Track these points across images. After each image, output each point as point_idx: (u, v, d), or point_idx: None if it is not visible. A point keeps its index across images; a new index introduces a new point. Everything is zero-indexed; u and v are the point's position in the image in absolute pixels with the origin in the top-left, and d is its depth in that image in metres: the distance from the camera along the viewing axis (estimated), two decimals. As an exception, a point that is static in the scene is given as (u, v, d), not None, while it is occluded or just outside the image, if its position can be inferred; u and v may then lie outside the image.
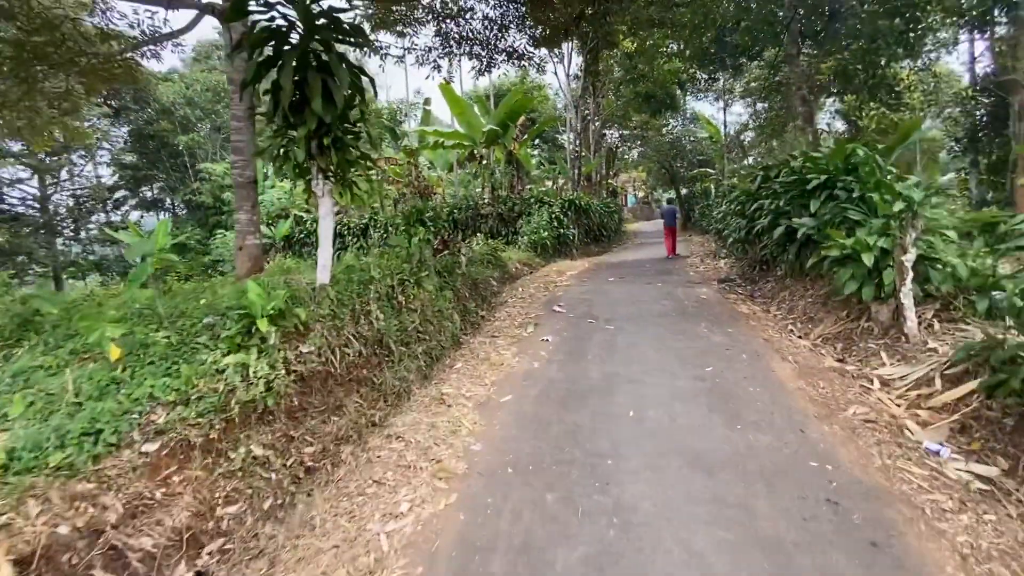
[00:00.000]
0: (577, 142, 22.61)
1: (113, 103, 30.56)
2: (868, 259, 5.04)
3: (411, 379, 5.54)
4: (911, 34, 9.27)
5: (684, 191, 38.03)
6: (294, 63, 4.42)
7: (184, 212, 37.86)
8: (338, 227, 21.68)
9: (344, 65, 4.68)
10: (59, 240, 28.44)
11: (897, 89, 11.41)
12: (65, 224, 29.20)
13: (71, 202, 30.92)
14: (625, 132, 34.28)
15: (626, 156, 41.24)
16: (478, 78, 16.96)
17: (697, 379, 4.53)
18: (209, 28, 38.18)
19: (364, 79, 5.16)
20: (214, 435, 3.51)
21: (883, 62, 10.31)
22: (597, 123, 27.03)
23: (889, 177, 6.40)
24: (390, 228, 20.30)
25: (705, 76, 21.23)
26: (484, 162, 18.98)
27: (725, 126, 27.66)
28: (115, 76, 9.80)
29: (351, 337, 5.24)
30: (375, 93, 6.93)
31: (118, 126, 32.27)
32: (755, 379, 4.46)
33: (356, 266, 6.14)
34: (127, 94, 29.91)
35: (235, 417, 3.71)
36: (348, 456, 4.08)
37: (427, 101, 21.23)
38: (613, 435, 3.63)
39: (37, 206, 27.65)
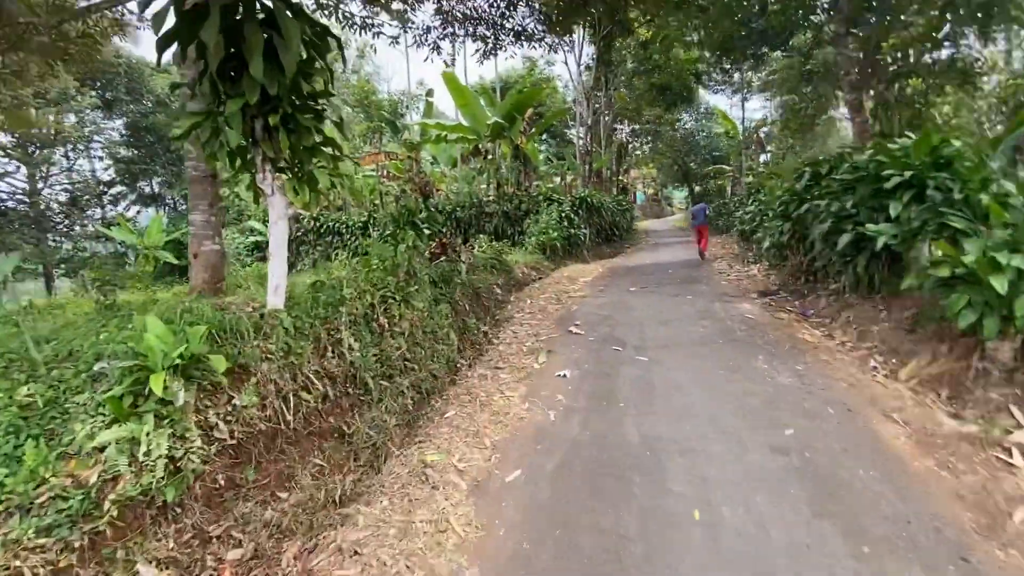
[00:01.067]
0: (588, 136, 21.32)
1: (108, 94, 29.53)
2: (999, 284, 3.76)
3: (391, 427, 4.33)
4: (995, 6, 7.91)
5: (697, 188, 36.65)
6: (230, 14, 3.20)
7: (184, 208, 36.89)
8: (336, 225, 20.57)
9: (296, 17, 3.44)
10: (50, 236, 27.37)
11: (975, 70, 10.01)
12: (58, 219, 28.13)
13: (64, 196, 29.87)
14: (636, 127, 32.91)
15: (636, 152, 39.83)
16: (482, 62, 15.72)
17: (777, 451, 3.28)
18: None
19: (331, 44, 3.92)
20: (69, 560, 2.31)
21: (959, 38, 8.99)
22: (608, 117, 25.70)
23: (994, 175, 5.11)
24: (375, 230, 19.16)
25: (725, 67, 19.86)
26: (489, 157, 17.74)
27: (743, 121, 26.27)
28: (70, 53, 8.67)
29: (311, 377, 4.04)
30: (343, 60, 5.68)
31: (111, 118, 31.17)
32: (859, 453, 3.21)
33: (326, 283, 4.94)
34: (120, 85, 28.83)
35: (114, 523, 2.51)
36: (289, 564, 2.85)
37: (429, 92, 20.02)
38: (676, 560, 2.40)
39: (27, 200, 26.62)
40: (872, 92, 9.20)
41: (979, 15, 7.98)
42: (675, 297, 7.83)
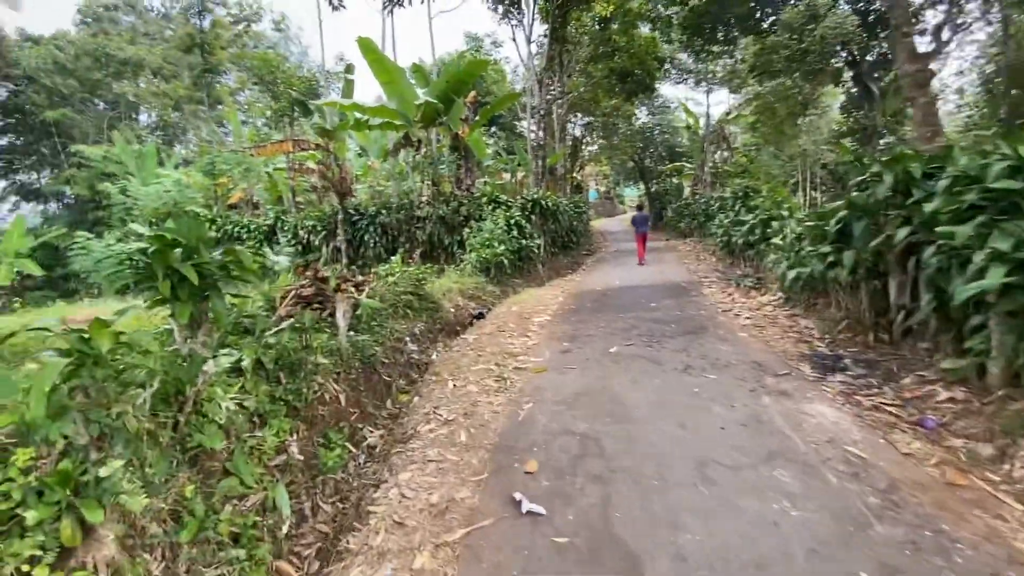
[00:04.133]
0: (540, 128, 18.36)
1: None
2: None
3: None
4: None
5: (654, 187, 34.61)
6: None
7: (60, 206, 31.18)
8: (237, 229, 16.66)
9: None
10: None
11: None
12: None
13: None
14: (590, 119, 30.31)
15: (589, 147, 37.36)
16: (390, 9, 12.42)
17: None
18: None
19: None
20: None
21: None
22: (563, 107, 22.85)
23: None
24: (300, 232, 15.49)
25: (696, 49, 17.39)
26: (424, 149, 14.41)
27: (707, 116, 24.14)
28: None
29: None
30: None
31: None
32: None
33: None
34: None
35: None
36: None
37: (349, 68, 16.35)
38: None
39: None
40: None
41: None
42: (687, 373, 4.88)
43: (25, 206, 33.83)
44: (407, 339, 6.44)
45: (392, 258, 9.03)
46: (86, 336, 2.16)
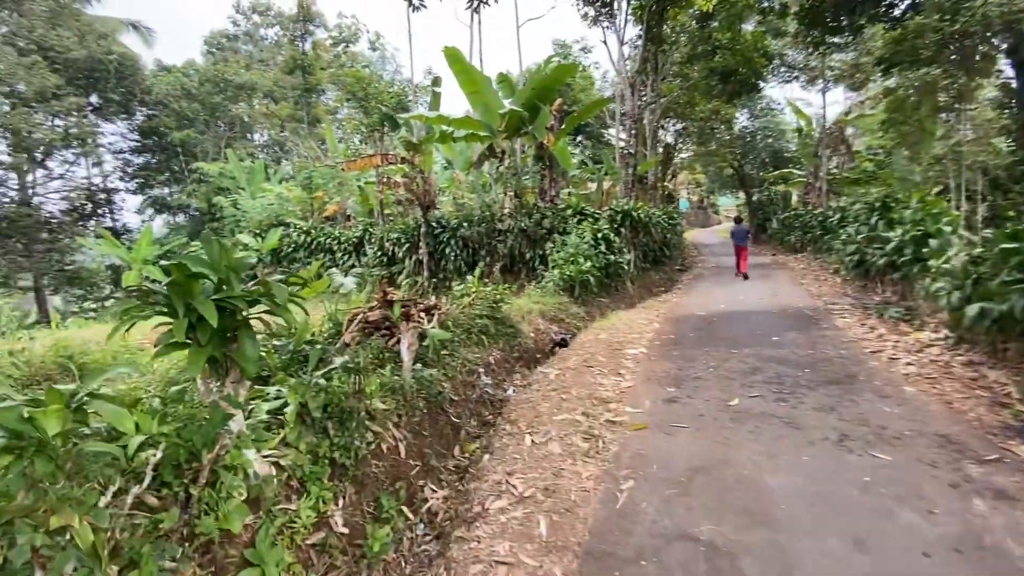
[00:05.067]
0: (632, 135, 17.16)
1: (95, 97, 27.25)
2: None
3: None
4: None
5: (756, 196, 31.70)
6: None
7: (185, 217, 34.67)
8: (329, 241, 17.20)
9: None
10: (39, 249, 24.89)
11: None
12: (51, 231, 25.74)
13: (65, 205, 27.70)
14: (684, 125, 28.39)
15: (683, 155, 35.15)
16: (476, 8, 11.95)
17: None
18: (223, 18, 34.73)
19: None
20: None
21: None
22: (656, 112, 21.45)
23: None
24: (386, 243, 15.57)
25: (815, 39, 15.35)
26: (507, 160, 13.85)
27: (823, 117, 21.48)
28: None
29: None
30: None
31: (108, 120, 28.94)
32: None
33: None
34: (114, 85, 26.37)
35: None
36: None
37: (436, 81, 16.32)
38: None
39: (22, 210, 24.29)
40: None
41: None
42: (845, 448, 3.62)
43: (159, 218, 38.19)
44: (480, 371, 5.70)
45: (469, 276, 8.38)
46: (27, 416, 1.57)
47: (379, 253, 15.63)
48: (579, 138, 30.57)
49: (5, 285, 25.71)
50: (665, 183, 29.12)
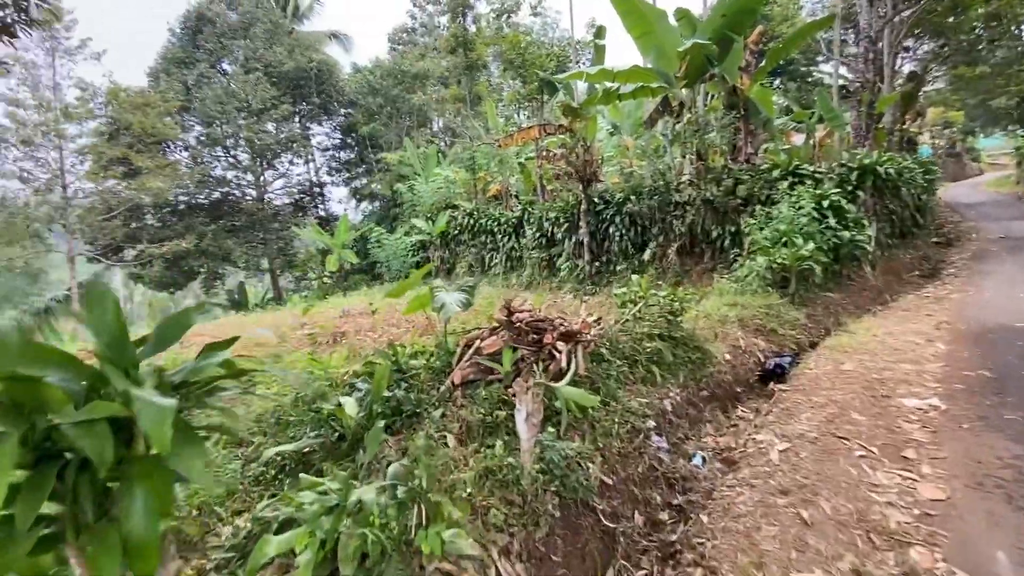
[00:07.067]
0: (868, 60, 12.60)
1: (304, 104, 31.10)
2: None
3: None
4: None
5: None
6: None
7: (377, 205, 38.36)
8: (490, 223, 16.64)
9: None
10: (270, 237, 29.72)
11: None
12: (280, 221, 30.65)
13: (287, 199, 32.88)
14: (943, 42, 20.93)
15: (931, 86, 26.53)
16: None
17: None
18: (402, 13, 36.92)
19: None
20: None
21: None
22: (901, 29, 15.86)
23: None
24: (544, 224, 14.23)
25: None
26: (688, 112, 11.15)
27: None
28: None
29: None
30: None
31: (319, 122, 33.07)
32: None
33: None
34: (314, 88, 29.76)
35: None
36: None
37: (599, 32, 14.03)
38: None
39: (258, 206, 29.35)
40: None
41: None
42: None
43: (358, 206, 43.31)
44: (651, 427, 3.78)
45: (634, 276, 6.27)
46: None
47: (537, 234, 14.36)
48: (777, 81, 24.97)
49: (248, 268, 31.45)
50: (906, 126, 22.04)
